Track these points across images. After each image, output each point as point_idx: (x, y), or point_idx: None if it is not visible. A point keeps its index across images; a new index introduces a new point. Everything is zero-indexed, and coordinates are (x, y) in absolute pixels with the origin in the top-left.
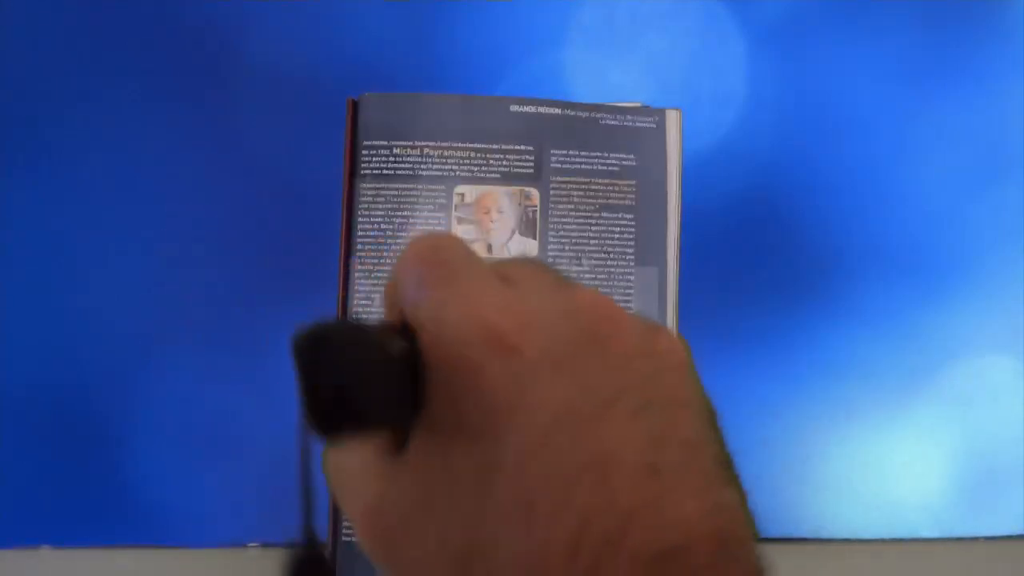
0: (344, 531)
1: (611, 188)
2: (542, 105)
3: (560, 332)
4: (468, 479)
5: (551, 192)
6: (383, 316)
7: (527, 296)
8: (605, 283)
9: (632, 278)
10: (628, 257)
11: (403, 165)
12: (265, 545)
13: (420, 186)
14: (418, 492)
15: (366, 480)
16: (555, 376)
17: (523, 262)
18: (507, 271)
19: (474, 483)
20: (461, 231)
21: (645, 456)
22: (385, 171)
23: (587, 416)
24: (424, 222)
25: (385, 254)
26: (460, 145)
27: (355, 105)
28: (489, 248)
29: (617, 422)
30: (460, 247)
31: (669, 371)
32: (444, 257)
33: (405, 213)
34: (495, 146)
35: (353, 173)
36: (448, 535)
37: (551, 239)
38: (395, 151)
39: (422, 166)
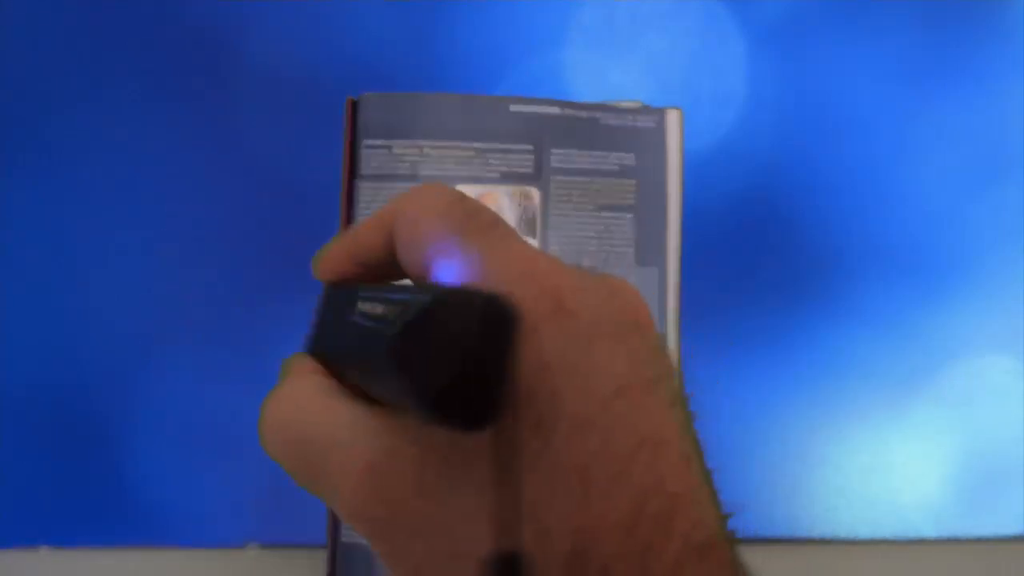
0: (345, 531)
1: (611, 188)
2: (542, 105)
3: (610, 306)
4: (517, 435)
5: (551, 192)
6: (365, 234)
7: (569, 267)
8: None
9: (632, 278)
10: (628, 257)
11: (403, 165)
12: (265, 545)
13: None
14: (447, 449)
15: (362, 433)
16: (611, 346)
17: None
18: None
19: (524, 440)
20: None
21: (681, 445)
22: (385, 171)
23: (639, 392)
24: None
25: None
26: (460, 145)
27: (355, 105)
28: None
29: (660, 406)
30: (478, 202)
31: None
32: (477, 207)
33: None
34: (495, 146)
35: (353, 173)
36: (488, 494)
37: (551, 239)
38: (395, 151)
39: (422, 166)
